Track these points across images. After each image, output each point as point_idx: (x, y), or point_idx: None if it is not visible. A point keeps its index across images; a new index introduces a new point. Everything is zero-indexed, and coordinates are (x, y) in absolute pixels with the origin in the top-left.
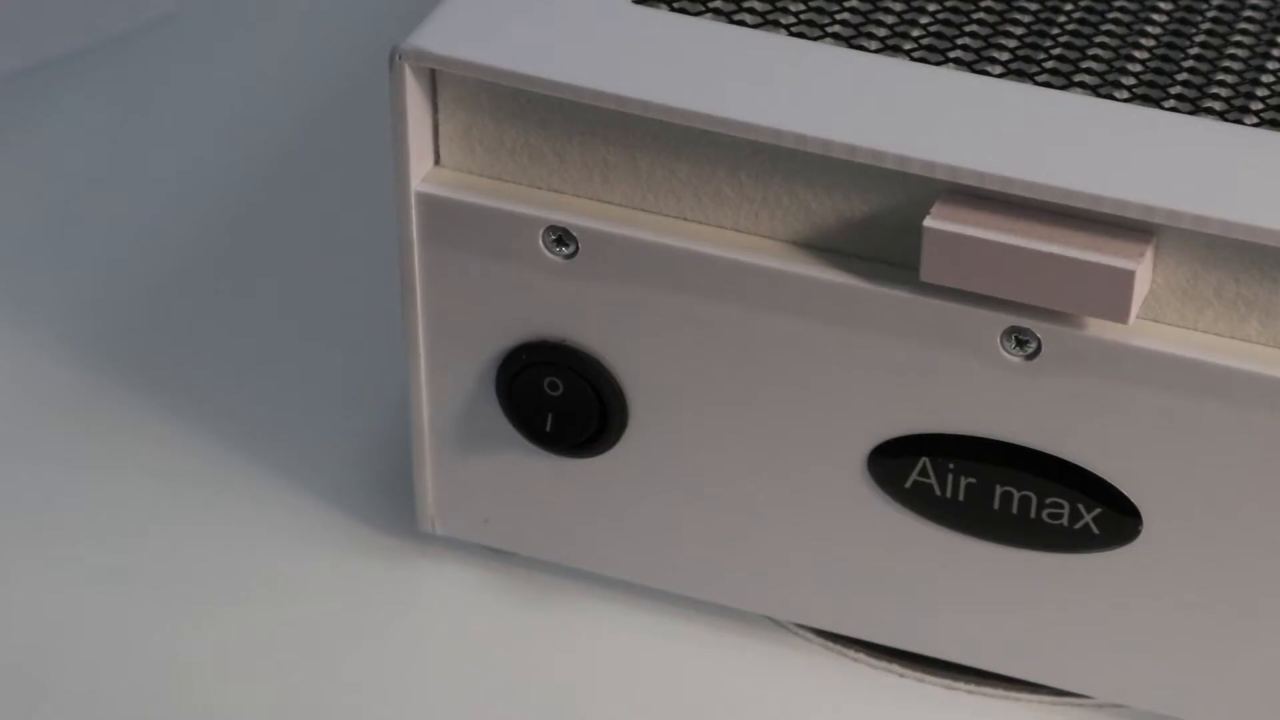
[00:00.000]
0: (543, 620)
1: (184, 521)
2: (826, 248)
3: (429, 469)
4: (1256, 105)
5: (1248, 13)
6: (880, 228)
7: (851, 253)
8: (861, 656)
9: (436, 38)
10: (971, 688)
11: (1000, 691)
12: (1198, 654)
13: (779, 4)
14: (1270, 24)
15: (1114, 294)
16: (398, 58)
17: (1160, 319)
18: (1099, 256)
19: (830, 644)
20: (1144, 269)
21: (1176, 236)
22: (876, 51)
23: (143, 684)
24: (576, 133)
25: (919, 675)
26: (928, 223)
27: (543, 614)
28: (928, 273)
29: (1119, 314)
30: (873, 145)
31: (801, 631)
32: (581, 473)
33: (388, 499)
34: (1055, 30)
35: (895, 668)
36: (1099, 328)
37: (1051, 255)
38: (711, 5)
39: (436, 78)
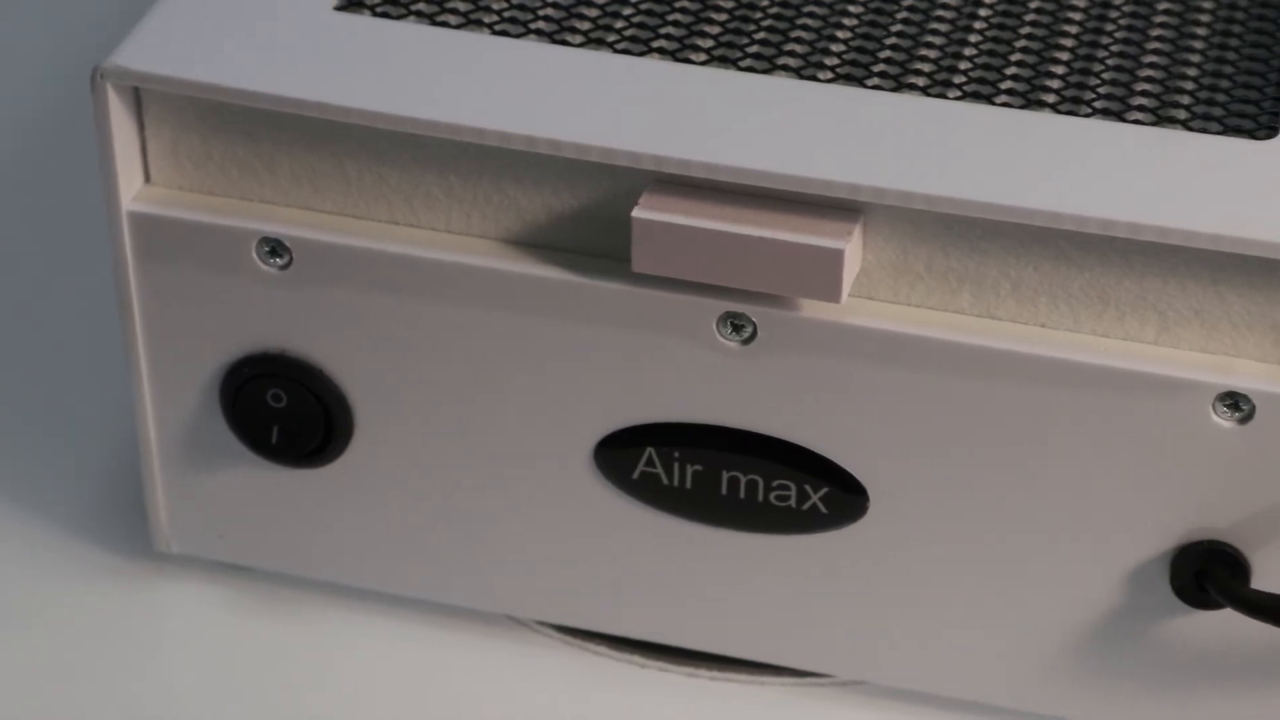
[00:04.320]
0: (285, 633)
1: None
2: (540, 244)
3: (160, 487)
4: (959, 79)
5: None
6: (591, 221)
7: (565, 247)
8: (603, 649)
9: (137, 55)
10: (714, 674)
11: (743, 676)
12: (933, 625)
13: (482, 3)
14: None
15: (825, 274)
16: (99, 77)
17: (874, 296)
18: (808, 238)
19: (571, 639)
20: (853, 248)
21: (883, 213)
22: (580, 46)
23: None
24: (284, 143)
25: (661, 665)
26: (636, 213)
27: (285, 627)
28: (639, 263)
29: (831, 294)
30: (576, 139)
31: (542, 628)
32: (312, 483)
33: (122, 520)
34: (758, 15)
35: (637, 658)
36: (813, 308)
37: (761, 239)
38: (414, 8)
39: (140, 95)
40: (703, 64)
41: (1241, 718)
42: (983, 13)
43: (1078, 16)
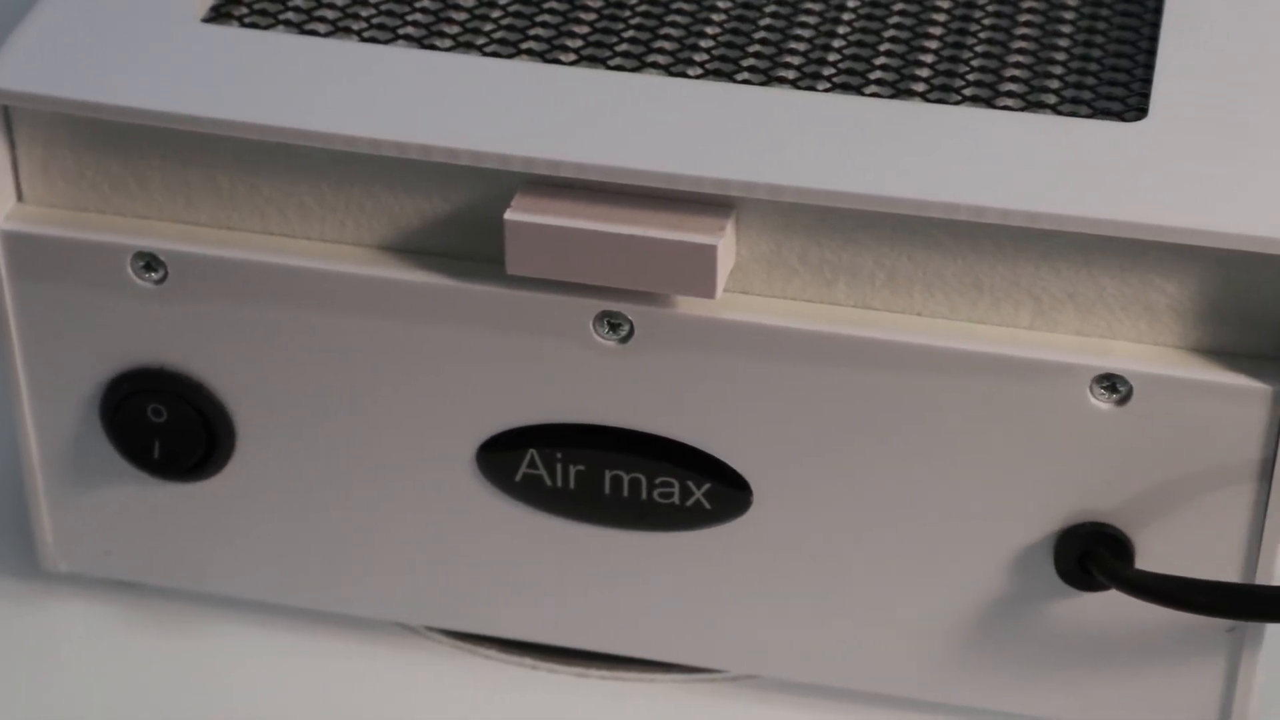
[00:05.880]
0: (175, 648)
1: None
2: (415, 249)
3: (44, 506)
4: (828, 71)
5: None
6: (465, 224)
7: (440, 252)
8: (493, 653)
9: (5, 73)
10: (604, 673)
11: (633, 674)
12: (822, 617)
13: (350, 10)
14: None
15: (698, 270)
16: None
17: (749, 290)
18: (680, 234)
19: (461, 643)
20: (726, 243)
21: (756, 208)
22: (449, 50)
23: None
24: (155, 157)
25: (551, 666)
26: (508, 215)
27: (175, 642)
28: (514, 265)
29: (706, 289)
30: (446, 143)
31: (432, 634)
32: (197, 496)
33: (8, 540)
34: (627, 14)
35: (528, 661)
36: (689, 305)
37: (634, 237)
38: (282, 18)
39: (9, 114)
40: (572, 64)
41: (1131, 696)
42: (851, 3)
43: (945, 4)
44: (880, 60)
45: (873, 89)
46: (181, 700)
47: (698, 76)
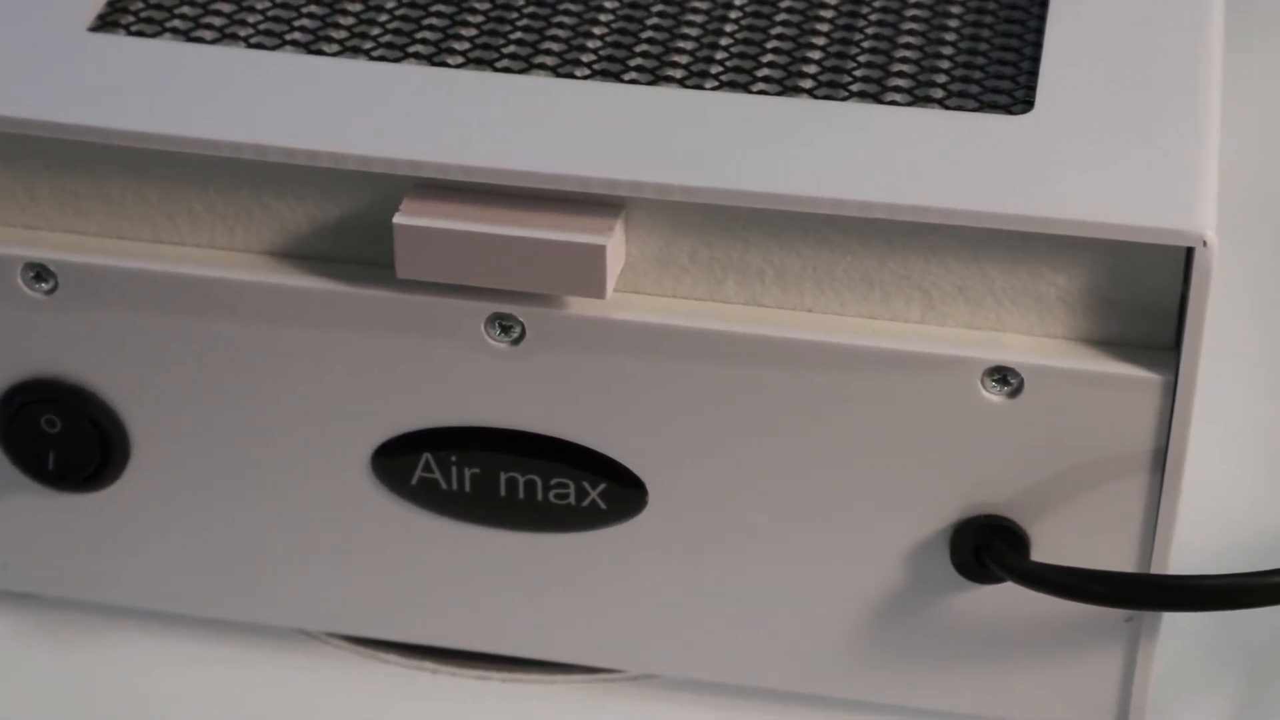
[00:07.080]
0: (75, 661)
1: None
2: (305, 255)
3: None
4: (716, 69)
5: None
6: (356, 229)
7: (331, 257)
8: (393, 658)
9: None
10: (505, 675)
11: (534, 676)
12: (721, 614)
13: (236, 17)
14: None
15: (588, 270)
16: None
17: (640, 290)
18: (569, 235)
19: (362, 649)
20: (615, 243)
21: (644, 207)
22: (336, 54)
23: None
24: (43, 168)
25: (452, 670)
26: (397, 219)
27: (74, 654)
28: (404, 269)
29: (596, 290)
30: (332, 148)
31: (333, 640)
32: (94, 507)
33: None
34: (514, 15)
35: (428, 665)
36: (580, 305)
37: (522, 239)
38: (169, 25)
39: None
40: (459, 66)
41: (1030, 688)
42: (738, 1)
43: (833, 0)
44: (767, 58)
45: (760, 86)
46: (81, 712)
47: (585, 77)
